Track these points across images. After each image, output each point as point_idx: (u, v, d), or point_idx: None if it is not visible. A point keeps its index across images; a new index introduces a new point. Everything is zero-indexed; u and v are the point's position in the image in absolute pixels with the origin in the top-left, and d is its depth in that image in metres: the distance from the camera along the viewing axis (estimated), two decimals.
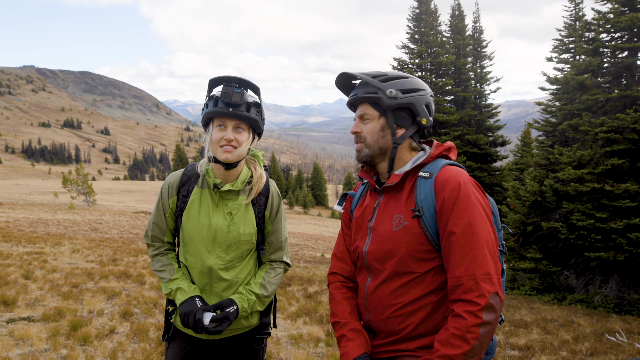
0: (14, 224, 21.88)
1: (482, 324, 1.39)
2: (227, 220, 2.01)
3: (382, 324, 1.63)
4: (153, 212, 2.10)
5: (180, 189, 2.06)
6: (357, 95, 1.66)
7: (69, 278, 8.61)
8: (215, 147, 1.93)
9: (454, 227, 1.46)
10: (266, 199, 2.12)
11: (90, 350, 4.50)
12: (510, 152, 24.19)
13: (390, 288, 1.59)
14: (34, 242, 14.44)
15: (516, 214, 14.68)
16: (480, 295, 1.40)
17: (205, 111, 1.93)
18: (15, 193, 56.50)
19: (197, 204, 2.03)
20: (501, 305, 1.44)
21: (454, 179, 1.51)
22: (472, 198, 1.48)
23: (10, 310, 5.82)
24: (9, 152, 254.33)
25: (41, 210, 33.20)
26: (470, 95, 23.00)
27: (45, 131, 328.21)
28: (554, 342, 6.93)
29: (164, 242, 2.13)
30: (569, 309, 11.23)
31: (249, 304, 2.02)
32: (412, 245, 1.54)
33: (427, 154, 1.65)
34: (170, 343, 2.13)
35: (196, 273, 2.03)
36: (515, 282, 15.40)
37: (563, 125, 13.87)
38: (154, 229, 2.10)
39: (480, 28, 24.93)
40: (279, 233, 2.16)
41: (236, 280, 2.04)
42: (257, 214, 2.08)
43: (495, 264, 1.46)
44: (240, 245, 2.03)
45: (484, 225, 1.47)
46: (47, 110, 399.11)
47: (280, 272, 2.16)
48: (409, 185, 1.61)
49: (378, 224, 1.64)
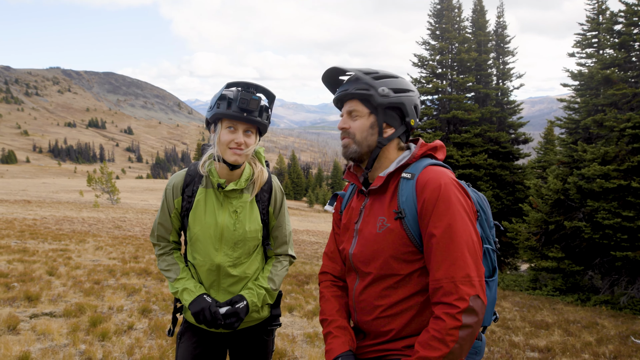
0: (41, 222, 22.50)
1: (461, 326, 1.37)
2: (232, 218, 2.05)
3: (370, 325, 1.63)
4: (158, 213, 2.14)
5: (184, 189, 2.09)
6: (347, 91, 1.64)
7: (92, 275, 8.80)
8: (224, 149, 1.96)
9: (434, 229, 1.44)
10: (269, 195, 2.16)
11: (109, 346, 4.59)
12: (533, 150, 23.71)
13: (376, 290, 1.59)
14: (60, 239, 14.81)
15: (538, 213, 14.39)
16: (459, 298, 1.38)
17: (216, 111, 1.93)
18: (43, 191, 58.09)
19: (202, 204, 2.06)
20: (483, 308, 1.41)
21: (435, 180, 1.49)
22: (452, 200, 1.46)
23: (33, 306, 5.99)
24: (36, 152, 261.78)
25: (67, 208, 34.05)
26: (492, 92, 22.61)
27: (71, 131, 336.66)
28: (576, 344, 6.77)
29: (170, 241, 2.17)
30: (593, 310, 10.96)
31: (258, 299, 2.07)
32: (395, 247, 1.52)
33: (410, 154, 1.63)
34: (181, 338, 2.17)
35: (204, 271, 2.07)
36: (538, 282, 15.10)
37: (587, 121, 13.52)
38: (159, 229, 2.14)
39: (503, 23, 24.45)
40: (283, 227, 2.21)
41: (244, 275, 2.09)
42: (262, 211, 2.13)
43: (477, 266, 1.43)
44: (247, 242, 2.08)
45: (464, 227, 1.44)
46: (73, 110, 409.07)
47: (286, 265, 2.21)
48: (392, 187, 1.60)
49: (364, 226, 1.63)
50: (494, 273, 1.63)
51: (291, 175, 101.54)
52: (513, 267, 21.62)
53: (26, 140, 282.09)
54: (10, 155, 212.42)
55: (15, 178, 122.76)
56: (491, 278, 1.62)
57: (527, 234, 14.78)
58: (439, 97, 22.30)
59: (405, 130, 1.65)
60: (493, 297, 1.61)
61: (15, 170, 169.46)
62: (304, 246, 25.13)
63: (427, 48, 22.96)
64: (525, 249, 14.85)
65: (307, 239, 29.04)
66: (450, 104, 21.93)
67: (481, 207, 1.65)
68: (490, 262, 1.63)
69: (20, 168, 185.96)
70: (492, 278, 1.62)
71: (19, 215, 24.57)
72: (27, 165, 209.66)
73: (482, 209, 1.65)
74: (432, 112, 22.54)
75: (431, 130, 22.03)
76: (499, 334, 7.21)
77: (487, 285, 1.59)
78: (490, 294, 1.60)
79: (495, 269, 1.64)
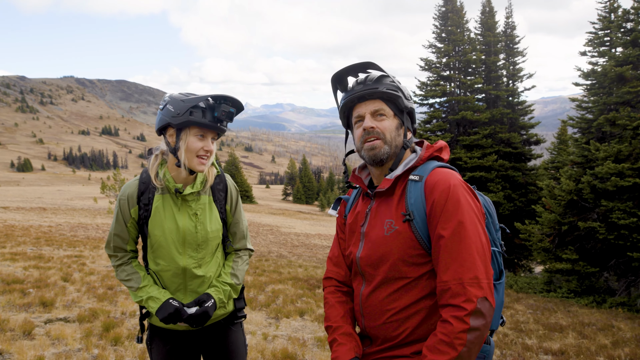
0: (56, 229, 22.83)
1: (469, 329, 1.36)
2: (193, 221, 2.10)
3: (378, 330, 1.61)
4: (113, 224, 2.13)
5: (140, 197, 2.10)
6: (377, 89, 1.59)
7: (105, 280, 8.92)
8: (192, 156, 2.00)
9: (443, 231, 1.44)
10: (225, 194, 2.23)
11: (121, 351, 4.65)
12: (546, 150, 23.47)
13: (384, 293, 1.58)
14: (74, 246, 15.03)
15: (551, 214, 14.22)
16: (467, 300, 1.37)
17: (188, 118, 1.94)
18: (58, 199, 58.93)
19: (161, 210, 2.08)
20: (491, 311, 1.40)
21: (444, 182, 1.49)
22: (461, 201, 1.46)
23: (48, 311, 6.08)
24: (51, 160, 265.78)
25: (81, 215, 34.50)
26: (502, 94, 22.45)
27: (85, 139, 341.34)
28: (590, 346, 6.66)
29: (127, 250, 2.18)
30: (609, 313, 10.78)
31: (224, 295, 2.15)
32: (403, 250, 1.52)
33: (417, 157, 1.63)
34: (151, 344, 2.19)
35: (169, 276, 2.09)
36: (552, 284, 14.90)
37: (600, 120, 13.34)
38: (115, 240, 2.14)
39: (512, 24, 24.32)
40: (240, 223, 2.30)
41: (209, 274, 2.14)
42: (220, 210, 2.20)
43: (486, 268, 1.42)
44: (210, 242, 2.14)
45: (473, 228, 1.43)
46: (87, 118, 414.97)
47: (246, 259, 2.31)
48: (399, 189, 1.59)
49: (370, 229, 1.63)
50: (500, 276, 1.63)
51: (302, 179, 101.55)
52: (527, 269, 21.36)
53: (41, 149, 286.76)
54: (26, 164, 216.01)
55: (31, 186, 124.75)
56: (498, 281, 1.61)
57: (540, 235, 14.61)
58: (447, 99, 22.21)
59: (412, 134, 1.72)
60: (501, 301, 1.60)
61: (31, 178, 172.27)
62: (316, 250, 25.12)
63: (433, 51, 22.94)
64: (539, 250, 14.67)
65: (318, 243, 29.03)
66: (459, 105, 21.83)
67: (487, 210, 1.65)
68: (497, 264, 1.62)
69: (36, 176, 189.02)
70: (499, 281, 1.61)
71: (35, 223, 24.97)
72: (42, 173, 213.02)
73: (488, 211, 1.65)
74: (440, 115, 22.44)
75: (440, 132, 21.93)
76: (512, 337, 7.13)
77: (495, 289, 1.58)
78: (498, 297, 1.59)
79: (502, 272, 1.63)
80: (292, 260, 18.71)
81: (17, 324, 5.14)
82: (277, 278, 11.60)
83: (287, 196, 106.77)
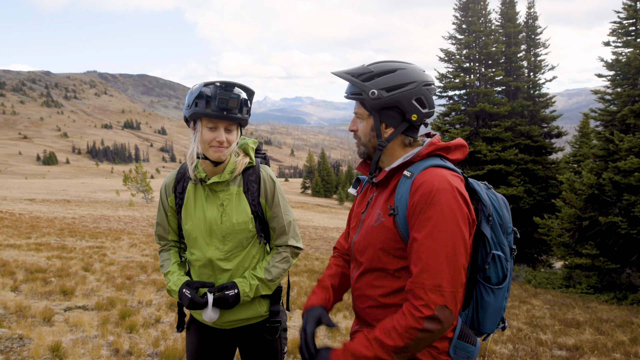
0: (79, 220, 23.43)
1: (422, 329, 1.38)
2: (219, 211, 2.06)
3: (363, 313, 1.67)
4: (157, 213, 2.22)
5: (176, 186, 2.14)
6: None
7: (124, 270, 9.14)
8: (206, 147, 1.97)
9: (417, 234, 1.43)
10: (258, 186, 2.12)
11: (136, 338, 4.78)
12: (568, 144, 22.94)
13: (368, 280, 1.62)
14: (96, 237, 15.41)
15: (571, 208, 13.94)
16: (425, 305, 1.38)
17: (195, 110, 1.93)
18: (82, 191, 60.36)
19: (192, 199, 2.10)
20: (451, 319, 1.39)
21: (428, 184, 1.44)
22: (442, 207, 1.41)
23: (68, 299, 6.29)
24: (75, 153, 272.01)
25: (104, 207, 35.29)
26: (522, 85, 22.00)
27: (107, 132, 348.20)
28: (607, 343, 6.56)
29: (168, 239, 2.24)
30: (629, 309, 10.56)
31: (250, 288, 2.04)
32: (386, 242, 1.53)
33: (416, 152, 1.59)
34: (189, 328, 2.26)
35: (199, 266, 2.10)
36: (571, 280, 14.64)
37: (624, 111, 12.99)
38: (157, 229, 2.23)
39: (534, 14, 23.76)
40: (280, 217, 2.14)
41: (238, 269, 2.08)
42: (252, 202, 2.09)
43: (453, 277, 1.39)
44: (237, 235, 2.06)
45: (448, 236, 1.40)
46: (109, 112, 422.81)
47: (286, 256, 2.15)
48: (393, 183, 1.59)
49: (367, 217, 1.66)
50: (503, 280, 1.58)
51: (321, 172, 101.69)
52: (547, 264, 21.01)
53: (66, 142, 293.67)
54: (51, 157, 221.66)
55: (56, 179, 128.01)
56: (498, 285, 1.57)
57: (559, 230, 14.35)
58: (467, 91, 21.89)
59: (409, 126, 1.58)
60: (499, 305, 1.58)
61: (56, 171, 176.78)
62: (333, 243, 25.20)
63: (453, 42, 22.57)
64: (558, 245, 14.41)
65: (336, 237, 29.07)
66: (478, 98, 21.49)
67: (496, 210, 1.60)
68: (501, 269, 1.57)
69: (61, 169, 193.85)
70: (500, 286, 1.57)
71: (59, 214, 25.66)
72: (67, 166, 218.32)
73: (498, 212, 1.60)
74: (459, 107, 22.12)
75: (459, 125, 21.64)
76: (526, 332, 7.07)
77: (492, 293, 1.56)
78: (496, 301, 1.56)
79: (505, 277, 1.58)
80: (309, 253, 18.83)
81: (37, 310, 5.33)
82: (293, 270, 11.69)
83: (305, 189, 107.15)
